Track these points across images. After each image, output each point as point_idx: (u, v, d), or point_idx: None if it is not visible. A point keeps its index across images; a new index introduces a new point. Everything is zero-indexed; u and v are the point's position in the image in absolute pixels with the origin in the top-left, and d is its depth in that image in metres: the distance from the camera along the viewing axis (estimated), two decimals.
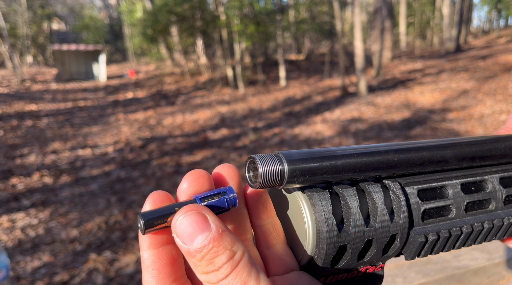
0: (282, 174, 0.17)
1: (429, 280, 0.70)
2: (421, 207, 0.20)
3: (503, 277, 0.70)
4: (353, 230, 0.18)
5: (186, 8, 8.61)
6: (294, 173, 0.17)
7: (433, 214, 0.21)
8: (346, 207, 0.18)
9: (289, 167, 0.17)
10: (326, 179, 0.18)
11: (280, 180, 0.17)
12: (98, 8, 24.51)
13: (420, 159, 0.20)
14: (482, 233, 0.21)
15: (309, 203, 0.18)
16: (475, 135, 3.87)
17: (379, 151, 0.19)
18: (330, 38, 12.42)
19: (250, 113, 5.92)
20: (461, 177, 0.22)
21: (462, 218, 0.21)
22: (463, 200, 0.21)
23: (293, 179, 0.17)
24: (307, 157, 0.18)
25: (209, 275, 0.14)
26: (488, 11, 21.59)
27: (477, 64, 8.30)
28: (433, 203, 0.20)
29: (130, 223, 2.24)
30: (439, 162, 0.21)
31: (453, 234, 0.20)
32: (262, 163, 0.17)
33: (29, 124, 5.29)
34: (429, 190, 0.21)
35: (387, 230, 0.19)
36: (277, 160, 0.17)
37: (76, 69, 11.42)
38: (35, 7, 14.64)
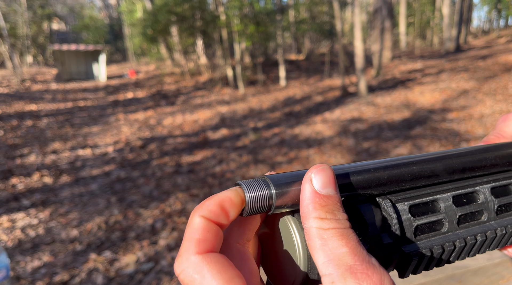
0: (269, 198, 0.17)
1: (429, 280, 0.70)
2: (413, 223, 0.20)
3: (503, 277, 0.70)
4: None
5: (186, 8, 8.61)
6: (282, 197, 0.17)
7: (425, 230, 0.20)
8: None
9: (276, 191, 0.17)
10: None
11: (269, 206, 0.17)
12: (98, 8, 24.51)
13: (411, 175, 0.20)
14: (475, 246, 0.21)
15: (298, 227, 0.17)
16: (474, 135, 3.87)
17: (369, 169, 0.19)
18: (330, 38, 12.42)
19: (250, 113, 5.92)
20: (452, 190, 0.22)
21: (455, 232, 0.21)
22: (455, 213, 0.21)
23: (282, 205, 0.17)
24: (295, 180, 0.17)
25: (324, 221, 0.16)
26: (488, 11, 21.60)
27: (477, 64, 8.30)
28: (425, 219, 0.20)
29: (130, 223, 2.24)
30: (429, 176, 0.21)
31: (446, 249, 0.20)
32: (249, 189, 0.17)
33: (29, 124, 5.29)
34: (420, 205, 0.21)
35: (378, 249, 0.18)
36: (264, 185, 0.17)
37: (76, 69, 11.42)
38: (35, 7, 14.64)
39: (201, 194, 2.64)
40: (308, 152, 3.58)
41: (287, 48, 14.90)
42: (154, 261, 1.82)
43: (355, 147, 3.69)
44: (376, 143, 3.79)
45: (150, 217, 2.31)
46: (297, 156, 3.47)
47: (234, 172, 3.09)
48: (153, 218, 2.29)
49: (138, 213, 2.37)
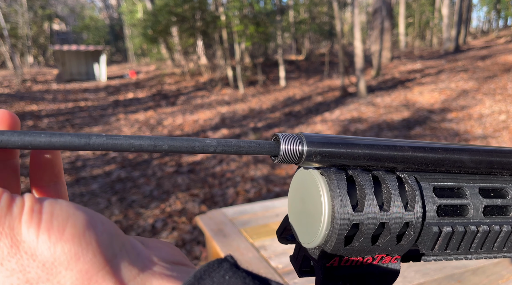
0: (301, 153, 0.18)
1: (428, 280, 0.71)
2: (436, 201, 0.20)
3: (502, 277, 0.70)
4: (366, 211, 0.18)
5: (187, 8, 8.62)
6: (312, 153, 0.18)
7: (449, 212, 0.21)
8: (361, 190, 0.19)
9: (308, 148, 0.18)
10: (342, 162, 0.19)
11: (299, 158, 0.18)
12: (98, 8, 24.53)
13: (436, 157, 0.20)
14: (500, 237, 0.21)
15: (326, 182, 0.19)
16: (474, 135, 3.88)
17: (395, 145, 0.20)
18: (330, 39, 12.44)
19: (250, 113, 5.93)
20: (479, 181, 0.22)
21: (480, 220, 0.21)
22: (481, 203, 0.21)
23: (311, 157, 0.18)
24: (326, 141, 0.19)
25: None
26: (487, 11, 21.61)
27: (476, 64, 8.31)
28: (449, 200, 0.20)
29: (130, 223, 2.25)
30: (454, 162, 0.21)
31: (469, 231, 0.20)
32: (285, 141, 0.18)
33: (30, 124, 5.30)
34: (445, 189, 0.21)
35: (400, 216, 0.19)
36: (298, 140, 0.18)
37: (76, 70, 11.44)
38: (35, 8, 14.66)
39: (201, 194, 2.65)
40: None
41: (287, 49, 14.92)
42: None
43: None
44: None
45: (150, 217, 2.32)
46: None
47: (234, 172, 3.10)
48: (153, 217, 2.30)
49: (138, 213, 2.38)
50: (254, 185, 2.75)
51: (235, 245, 0.90)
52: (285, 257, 0.83)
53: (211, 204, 2.46)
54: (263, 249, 0.87)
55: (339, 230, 0.18)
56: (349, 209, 0.18)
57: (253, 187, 2.72)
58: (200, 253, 1.86)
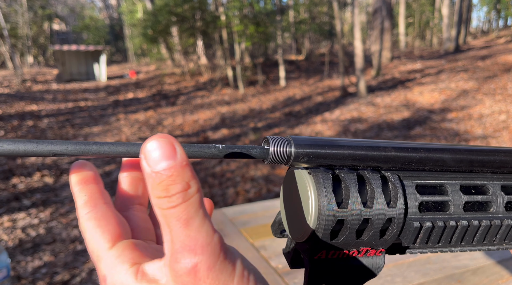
0: (289, 154, 0.20)
1: (428, 280, 0.71)
2: (418, 198, 0.21)
3: (502, 277, 0.70)
4: (350, 207, 0.19)
5: (187, 8, 8.63)
6: (300, 154, 0.20)
7: (431, 208, 0.22)
8: (346, 188, 0.20)
9: (295, 150, 0.19)
10: (329, 162, 0.20)
11: (287, 159, 0.20)
12: (98, 8, 24.54)
13: (418, 157, 0.21)
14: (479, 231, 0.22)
15: (313, 181, 0.20)
16: (474, 135, 3.88)
17: (379, 146, 0.21)
18: (330, 39, 12.44)
19: (250, 113, 5.93)
20: (460, 179, 0.23)
21: (460, 215, 0.22)
22: (462, 199, 0.22)
23: (298, 158, 0.20)
24: (312, 143, 0.20)
25: (161, 200, 0.15)
26: (487, 11, 21.62)
27: (476, 64, 8.31)
28: (430, 197, 0.21)
29: None
30: (436, 161, 0.22)
31: (448, 226, 0.21)
32: (274, 143, 0.20)
33: (30, 124, 5.30)
34: (427, 187, 0.22)
35: (383, 213, 0.20)
36: (287, 142, 0.20)
37: (76, 70, 11.44)
38: (35, 8, 14.67)
39: None
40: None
41: (287, 49, 14.92)
42: None
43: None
44: None
45: None
46: None
47: (234, 172, 3.10)
48: None
49: None
50: (254, 185, 2.75)
51: (235, 245, 0.90)
52: None
53: None
54: (263, 249, 0.87)
55: (325, 226, 0.19)
56: (334, 206, 0.19)
57: (253, 187, 2.72)
58: None
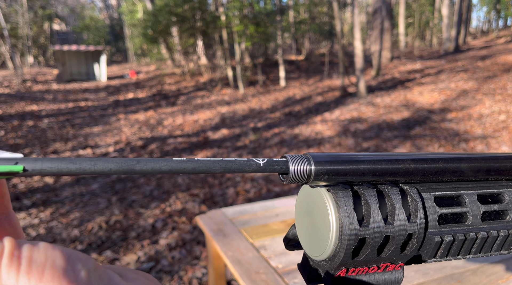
0: (309, 172, 0.19)
1: (428, 280, 0.71)
2: (437, 211, 0.21)
3: (502, 277, 0.70)
4: (372, 225, 0.19)
5: (187, 8, 8.63)
6: (320, 172, 0.19)
7: (449, 220, 0.22)
8: (366, 205, 0.20)
9: (315, 167, 0.19)
10: (348, 179, 0.20)
11: (308, 177, 0.19)
12: (98, 8, 24.55)
13: (436, 168, 0.21)
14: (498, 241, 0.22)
15: (333, 199, 0.20)
16: (473, 135, 3.88)
17: (398, 159, 0.21)
18: (330, 39, 12.44)
19: (250, 113, 5.93)
20: (477, 188, 0.23)
21: (479, 226, 0.22)
22: (480, 209, 0.22)
23: (318, 177, 0.19)
24: (332, 160, 0.20)
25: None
26: (487, 11, 21.61)
27: (476, 64, 8.32)
28: (449, 209, 0.22)
29: (130, 223, 2.26)
30: (454, 171, 0.22)
31: (468, 238, 0.21)
32: (293, 162, 0.19)
33: (30, 124, 5.30)
34: (445, 198, 0.22)
35: (404, 229, 0.20)
36: (306, 160, 0.20)
37: (77, 70, 11.44)
38: (36, 8, 14.67)
39: (201, 194, 2.65)
40: (308, 152, 3.59)
41: (287, 49, 14.92)
42: (154, 260, 1.83)
43: (355, 147, 3.70)
44: (375, 143, 3.80)
45: (150, 217, 2.32)
46: None
47: None
48: (153, 217, 2.31)
49: (138, 213, 2.38)
50: (254, 185, 2.75)
51: (235, 245, 0.90)
52: (285, 257, 0.83)
53: (211, 204, 2.47)
54: (263, 249, 0.87)
55: (346, 245, 0.19)
56: (356, 225, 0.19)
57: (253, 187, 2.72)
58: (200, 253, 1.86)
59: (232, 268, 0.79)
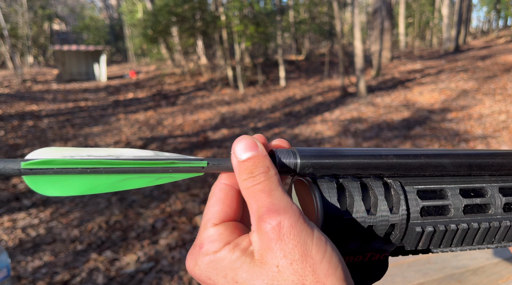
0: (295, 165, 0.21)
1: (428, 280, 0.71)
2: (419, 203, 0.22)
3: (502, 277, 0.70)
4: (355, 215, 0.20)
5: (187, 8, 8.63)
6: (305, 165, 0.21)
7: (432, 212, 0.22)
8: (350, 197, 0.21)
9: (301, 161, 0.21)
10: (333, 172, 0.21)
11: (294, 170, 0.21)
12: (98, 8, 24.55)
13: (418, 163, 0.22)
14: (479, 233, 0.23)
15: (319, 191, 0.21)
16: (474, 135, 3.88)
17: (380, 154, 0.22)
18: (330, 39, 12.44)
19: (250, 113, 5.93)
20: (460, 183, 0.23)
21: (460, 218, 0.23)
22: (461, 202, 0.23)
23: (304, 170, 0.21)
24: (316, 154, 0.21)
25: (246, 181, 0.19)
26: (487, 11, 21.61)
27: (476, 64, 8.32)
28: (431, 202, 0.22)
29: (130, 223, 2.25)
30: (436, 166, 0.23)
31: (449, 229, 0.22)
32: (280, 155, 0.21)
33: (30, 124, 5.30)
34: (428, 192, 0.23)
35: (386, 219, 0.21)
36: (292, 154, 0.21)
37: (76, 70, 11.44)
38: (36, 8, 14.67)
39: (201, 194, 2.65)
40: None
41: (287, 49, 14.92)
42: (154, 260, 1.83)
43: (355, 147, 3.69)
44: (375, 143, 3.80)
45: (150, 217, 2.32)
46: None
47: None
48: (153, 217, 2.30)
49: (138, 213, 2.38)
50: None
51: None
52: None
53: None
54: None
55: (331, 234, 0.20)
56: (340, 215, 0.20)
57: None
58: None
59: None
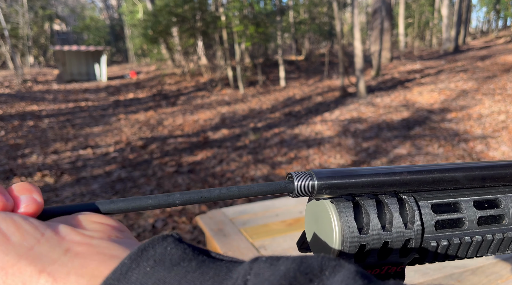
0: (312, 187, 0.21)
1: (428, 279, 0.71)
2: (434, 217, 0.22)
3: (501, 277, 0.71)
4: (371, 233, 0.21)
5: (187, 9, 8.64)
6: (322, 186, 0.21)
7: (446, 225, 0.23)
8: (366, 215, 0.21)
9: (318, 182, 0.21)
10: (349, 192, 0.22)
11: (311, 192, 0.21)
12: (99, 9, 24.57)
13: (432, 178, 0.23)
14: (493, 244, 0.23)
15: (336, 210, 0.21)
16: (473, 135, 3.89)
17: (395, 172, 0.22)
18: (330, 39, 12.45)
19: (250, 113, 5.94)
20: (473, 195, 0.24)
21: (475, 230, 0.23)
22: (476, 215, 0.23)
23: (321, 191, 0.21)
24: (333, 175, 0.22)
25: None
26: (487, 11, 21.62)
27: (476, 64, 8.33)
28: (446, 215, 0.23)
29: (131, 223, 2.26)
30: (449, 181, 0.23)
31: (464, 242, 0.22)
32: (298, 178, 0.21)
33: (31, 124, 5.31)
34: (442, 205, 0.23)
35: (401, 235, 0.21)
36: (309, 177, 0.21)
37: (77, 70, 11.45)
38: (36, 8, 14.68)
39: None
40: (308, 152, 3.60)
41: (287, 49, 14.93)
42: None
43: (355, 147, 3.70)
44: (375, 143, 3.81)
45: (150, 217, 2.33)
46: (296, 156, 3.49)
47: (234, 172, 3.11)
48: (153, 217, 2.31)
49: (139, 213, 2.39)
50: None
51: (235, 244, 0.90)
52: None
53: (211, 204, 2.47)
54: (262, 249, 0.88)
55: (348, 251, 0.21)
56: (356, 233, 0.21)
57: None
58: None
59: None
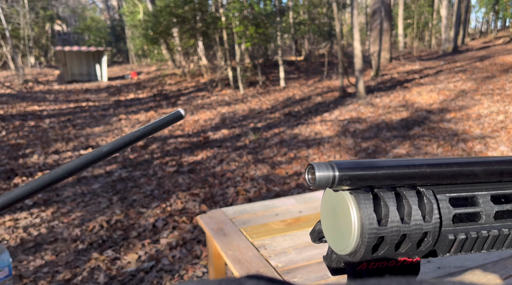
0: (333, 178, 0.21)
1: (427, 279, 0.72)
2: (451, 211, 0.23)
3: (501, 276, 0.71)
4: (390, 225, 0.21)
5: (187, 9, 8.65)
6: (343, 178, 0.21)
7: (463, 219, 0.23)
8: (385, 207, 0.22)
9: (339, 173, 0.21)
10: (369, 184, 0.22)
11: (332, 183, 0.21)
12: (99, 9, 24.60)
13: (451, 172, 0.23)
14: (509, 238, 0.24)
15: (355, 202, 0.22)
16: (472, 135, 3.90)
17: (414, 164, 0.23)
18: (329, 40, 12.46)
19: (250, 113, 5.95)
20: (491, 189, 0.24)
21: (491, 224, 0.24)
22: (493, 209, 0.24)
23: (342, 182, 0.21)
24: (354, 166, 0.22)
25: None
26: (486, 12, 21.62)
27: (475, 65, 8.34)
28: (463, 209, 0.23)
29: (131, 222, 2.27)
30: (468, 175, 0.23)
31: (481, 236, 0.23)
32: (319, 169, 0.21)
33: (32, 124, 5.32)
34: (460, 199, 0.24)
35: (420, 227, 0.22)
36: (330, 167, 0.21)
37: (78, 70, 11.47)
38: (37, 9, 14.70)
39: (202, 193, 2.67)
40: (308, 152, 3.61)
41: (287, 49, 14.94)
42: (155, 259, 1.84)
43: (354, 147, 3.71)
44: (374, 143, 3.82)
45: (151, 216, 2.33)
46: (296, 156, 3.50)
47: (234, 172, 3.12)
48: (154, 217, 2.32)
49: (139, 212, 2.40)
50: (254, 185, 2.77)
51: (235, 244, 0.91)
52: (285, 256, 0.84)
53: (211, 204, 2.48)
54: (263, 248, 0.89)
55: (367, 242, 0.21)
56: (375, 225, 0.21)
57: (253, 186, 2.74)
58: (201, 252, 1.87)
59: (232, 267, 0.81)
